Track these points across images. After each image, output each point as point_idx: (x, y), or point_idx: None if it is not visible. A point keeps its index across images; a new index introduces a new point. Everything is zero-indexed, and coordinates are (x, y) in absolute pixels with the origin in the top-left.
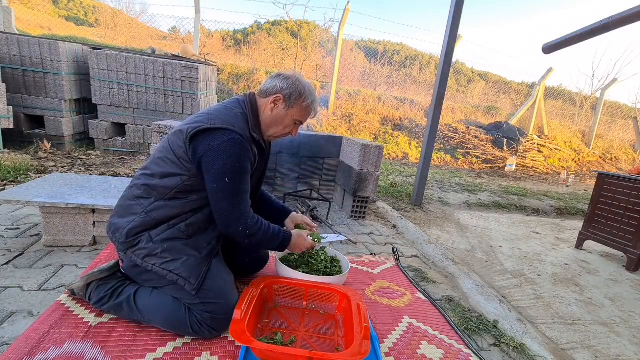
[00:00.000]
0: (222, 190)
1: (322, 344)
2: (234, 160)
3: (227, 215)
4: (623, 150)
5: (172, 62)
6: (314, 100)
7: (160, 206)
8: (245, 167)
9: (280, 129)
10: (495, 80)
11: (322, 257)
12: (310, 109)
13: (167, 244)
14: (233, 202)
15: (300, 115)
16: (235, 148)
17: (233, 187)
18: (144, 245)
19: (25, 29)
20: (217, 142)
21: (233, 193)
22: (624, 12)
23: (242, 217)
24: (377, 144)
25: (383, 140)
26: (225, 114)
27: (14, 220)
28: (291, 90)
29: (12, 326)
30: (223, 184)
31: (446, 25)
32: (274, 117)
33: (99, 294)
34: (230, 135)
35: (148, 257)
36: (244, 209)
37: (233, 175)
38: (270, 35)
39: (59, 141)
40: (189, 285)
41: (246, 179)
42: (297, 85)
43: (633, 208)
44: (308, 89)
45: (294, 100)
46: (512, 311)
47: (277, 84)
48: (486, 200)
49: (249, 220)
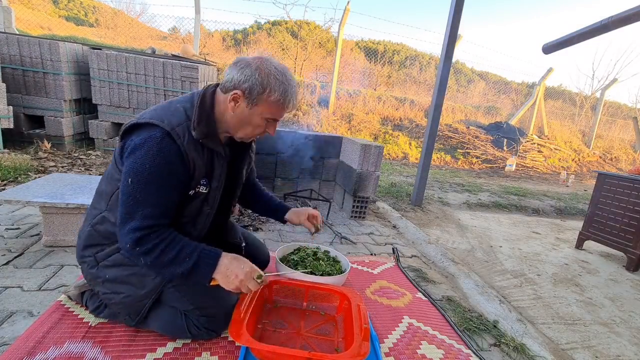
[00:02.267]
0: (123, 192)
1: (322, 345)
2: (144, 161)
3: (120, 226)
4: (623, 150)
5: (172, 62)
6: (285, 91)
7: (103, 218)
8: (160, 173)
9: (250, 130)
10: (495, 80)
11: (323, 257)
12: (280, 103)
13: (110, 272)
14: (129, 211)
15: (270, 112)
16: (152, 147)
17: (135, 191)
18: (89, 269)
19: (25, 29)
20: (139, 138)
21: (133, 199)
22: (624, 12)
23: (132, 232)
24: (377, 144)
25: (383, 140)
26: (163, 108)
27: (14, 220)
28: (251, 84)
29: (12, 326)
30: (126, 186)
31: (446, 25)
32: (237, 117)
33: (94, 303)
34: (153, 131)
35: (92, 282)
36: (138, 225)
37: (138, 178)
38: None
39: (59, 141)
40: (128, 321)
41: (159, 188)
42: (258, 75)
43: (633, 208)
44: (274, 77)
45: (256, 95)
46: (512, 311)
47: (234, 76)
48: (486, 200)
49: (142, 238)
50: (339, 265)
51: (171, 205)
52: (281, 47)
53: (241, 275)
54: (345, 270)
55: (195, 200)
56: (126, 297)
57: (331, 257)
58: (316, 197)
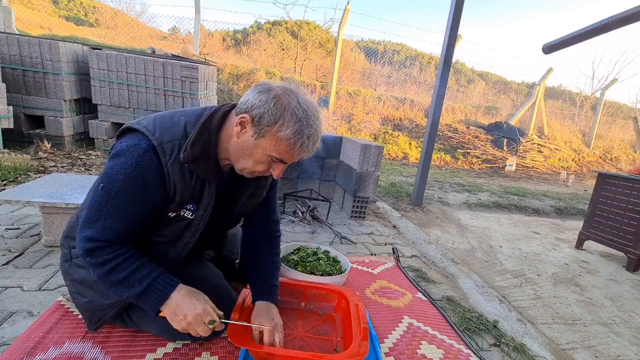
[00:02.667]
0: (93, 196)
1: (321, 345)
2: (119, 170)
3: (80, 226)
4: (623, 150)
5: (172, 62)
6: (299, 131)
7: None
8: (131, 191)
9: (250, 164)
10: (495, 80)
11: (322, 257)
12: (291, 143)
13: (79, 273)
14: (92, 217)
15: (276, 150)
16: (132, 158)
17: (102, 199)
18: (63, 261)
19: (25, 29)
20: (124, 144)
21: (98, 205)
22: (624, 12)
23: (86, 241)
24: (377, 144)
25: (383, 140)
26: (164, 117)
27: (14, 220)
28: (263, 111)
29: (12, 326)
30: (95, 189)
31: (446, 25)
32: (240, 145)
33: None
34: (139, 141)
35: (63, 274)
36: (94, 234)
37: (109, 186)
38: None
39: (59, 141)
40: (88, 324)
41: (126, 206)
42: (273, 105)
43: (633, 208)
44: (293, 112)
45: (265, 125)
46: (512, 311)
47: (250, 98)
48: (486, 200)
49: (95, 250)
50: (338, 265)
51: (137, 224)
52: (281, 47)
53: (190, 317)
54: (345, 270)
55: (177, 223)
56: (88, 303)
57: (331, 257)
58: (316, 197)
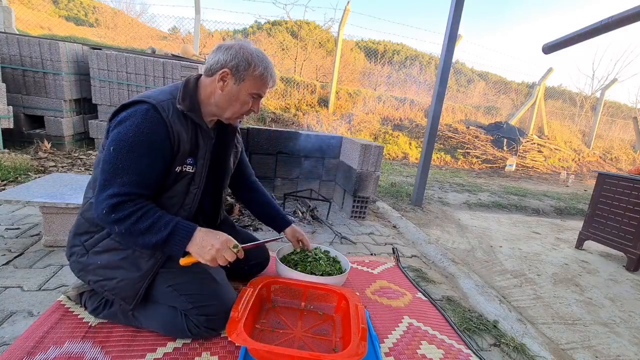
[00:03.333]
0: (105, 161)
1: (320, 345)
2: (128, 130)
3: (97, 194)
4: (623, 150)
5: (172, 62)
6: (266, 67)
7: (91, 205)
8: (142, 142)
9: (238, 107)
10: (495, 80)
11: (322, 257)
12: (264, 77)
13: (102, 258)
14: (108, 179)
15: (255, 87)
16: (138, 118)
17: (116, 160)
18: (78, 258)
19: (25, 29)
20: (125, 113)
21: (114, 167)
22: (624, 12)
23: (109, 198)
24: (377, 144)
25: (383, 140)
26: (151, 90)
27: (14, 220)
28: (237, 61)
29: (12, 326)
30: (108, 154)
31: (446, 25)
32: (226, 96)
33: (93, 304)
34: (141, 106)
35: (82, 272)
36: (116, 191)
37: (121, 147)
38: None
39: (59, 141)
40: (124, 305)
41: (141, 157)
42: (242, 53)
43: (633, 208)
44: (257, 55)
45: (242, 71)
46: (512, 311)
47: (219, 58)
48: (486, 200)
49: (118, 204)
50: (338, 265)
51: (152, 176)
52: (281, 47)
53: (217, 245)
54: (345, 270)
55: (182, 179)
56: (121, 282)
57: (331, 257)
58: (316, 197)
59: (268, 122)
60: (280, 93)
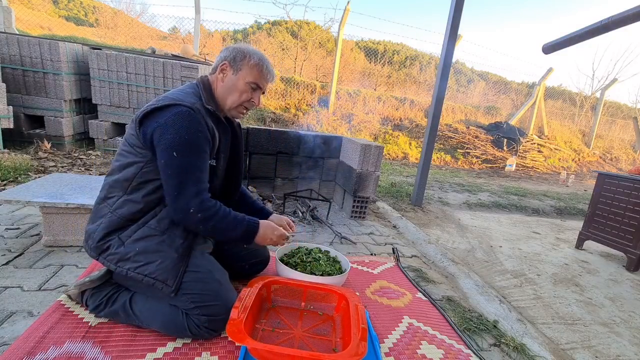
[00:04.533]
0: (170, 165)
1: (320, 345)
2: (182, 133)
3: (176, 195)
4: (623, 150)
5: (172, 62)
6: (261, 58)
7: (125, 202)
8: (197, 142)
9: (237, 96)
10: (495, 80)
11: (322, 257)
12: (260, 66)
13: (139, 245)
14: (182, 180)
15: (252, 76)
16: (184, 120)
17: (182, 162)
18: (115, 250)
19: (25, 29)
20: (165, 117)
21: (182, 169)
22: (624, 12)
23: (193, 197)
24: (377, 144)
25: (383, 140)
26: (175, 93)
27: (14, 220)
28: (234, 54)
29: (12, 326)
30: (171, 159)
31: (446, 25)
32: (226, 86)
33: (94, 302)
34: (178, 108)
35: (121, 262)
36: (196, 189)
37: (182, 149)
38: (270, 35)
39: (59, 141)
40: (166, 288)
41: (199, 156)
42: (239, 48)
43: (633, 208)
44: (252, 50)
45: (239, 61)
46: (512, 311)
47: (221, 56)
48: (486, 200)
49: (203, 202)
50: (338, 265)
51: (207, 169)
52: (281, 47)
53: (275, 239)
54: (345, 271)
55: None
56: (161, 264)
57: (331, 257)
58: (316, 197)
59: (268, 122)
60: (280, 93)
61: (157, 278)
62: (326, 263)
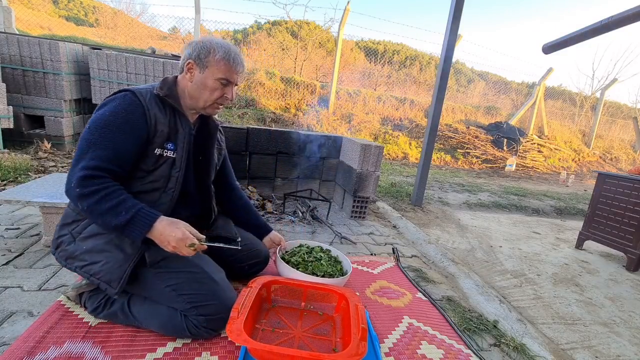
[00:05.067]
0: (81, 138)
1: (320, 345)
2: (106, 111)
3: (70, 170)
4: (623, 150)
5: (172, 62)
6: (227, 50)
7: None
8: (117, 121)
9: (208, 94)
10: (495, 80)
11: (324, 257)
12: (227, 60)
13: (87, 243)
14: (81, 155)
15: (220, 72)
16: (117, 102)
17: (91, 137)
18: (66, 246)
19: (25, 29)
20: (105, 101)
21: (88, 143)
22: (624, 12)
23: (79, 170)
24: (377, 144)
25: (383, 140)
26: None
27: (14, 220)
28: (198, 51)
29: (12, 326)
30: (84, 132)
31: (446, 25)
32: (195, 85)
33: (93, 304)
34: (120, 93)
35: (70, 260)
36: (86, 164)
37: (97, 125)
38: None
39: (59, 141)
40: (110, 289)
41: (115, 135)
42: (202, 43)
43: (633, 208)
44: (216, 42)
45: (204, 58)
46: (512, 311)
47: (185, 54)
48: (486, 200)
49: (87, 177)
50: (340, 266)
51: (125, 153)
52: (281, 47)
53: (173, 242)
54: (347, 272)
55: (164, 164)
56: (105, 264)
57: (332, 256)
58: (316, 197)
59: (268, 122)
60: (280, 93)
61: (101, 279)
62: (327, 263)
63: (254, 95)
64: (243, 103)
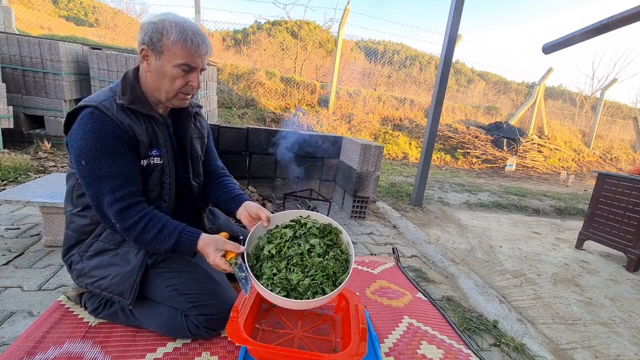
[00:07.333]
0: (83, 176)
1: (320, 345)
2: (87, 138)
3: (96, 206)
4: (623, 150)
5: None
6: (182, 29)
7: (72, 216)
8: (104, 145)
9: (168, 84)
10: (495, 80)
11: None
12: (183, 41)
13: (94, 260)
14: (97, 190)
15: (178, 56)
16: (88, 123)
17: (92, 170)
18: (75, 265)
19: (25, 29)
20: (75, 124)
21: (94, 177)
22: (624, 12)
23: (109, 207)
24: (377, 144)
25: (383, 140)
26: (94, 94)
27: (14, 220)
28: (150, 34)
29: (12, 326)
30: (81, 169)
31: (446, 25)
32: (153, 75)
33: (93, 304)
34: (84, 111)
35: (81, 277)
36: (111, 199)
37: (89, 156)
38: (270, 35)
39: (59, 141)
40: (123, 301)
41: (111, 159)
42: (153, 24)
43: (633, 208)
44: (169, 21)
45: (157, 42)
46: (512, 311)
47: (139, 40)
48: (486, 200)
49: (121, 212)
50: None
51: (132, 171)
52: (281, 47)
53: (210, 260)
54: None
55: (154, 172)
56: (114, 277)
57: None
58: (316, 197)
59: (268, 122)
60: (280, 93)
61: (113, 292)
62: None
63: (254, 95)
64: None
